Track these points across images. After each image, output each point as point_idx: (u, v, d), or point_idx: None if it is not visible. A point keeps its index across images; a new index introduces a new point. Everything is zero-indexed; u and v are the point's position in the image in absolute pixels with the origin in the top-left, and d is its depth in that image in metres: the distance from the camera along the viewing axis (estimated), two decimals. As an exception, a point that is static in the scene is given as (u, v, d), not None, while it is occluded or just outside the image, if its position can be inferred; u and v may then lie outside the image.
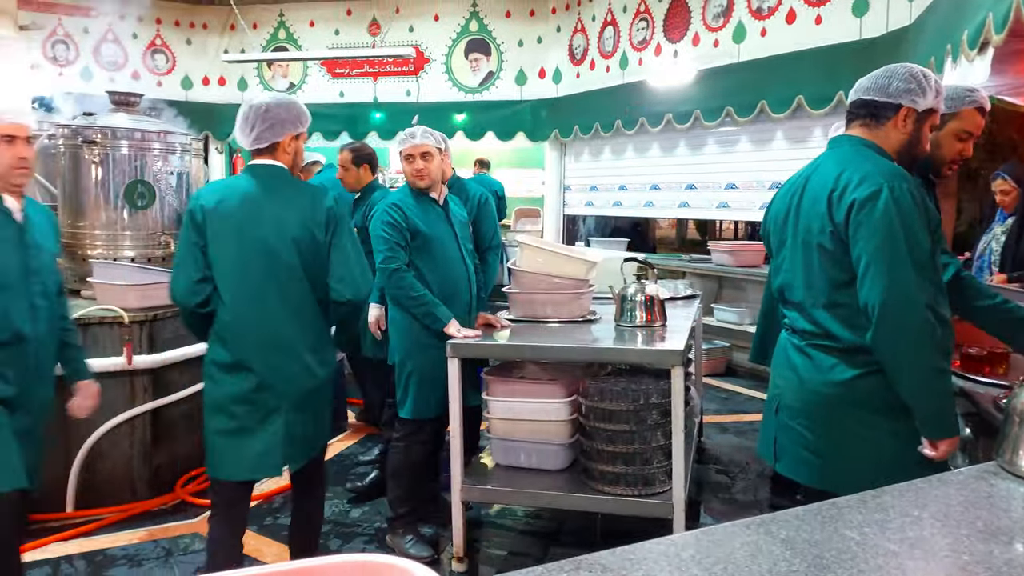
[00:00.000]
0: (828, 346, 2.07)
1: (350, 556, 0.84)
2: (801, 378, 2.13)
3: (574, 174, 8.88)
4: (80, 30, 8.69)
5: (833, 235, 2.01)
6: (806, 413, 2.13)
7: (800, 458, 2.17)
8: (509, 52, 8.79)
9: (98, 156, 4.05)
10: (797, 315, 2.17)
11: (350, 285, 2.50)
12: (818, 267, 2.07)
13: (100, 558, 3.23)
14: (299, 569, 0.83)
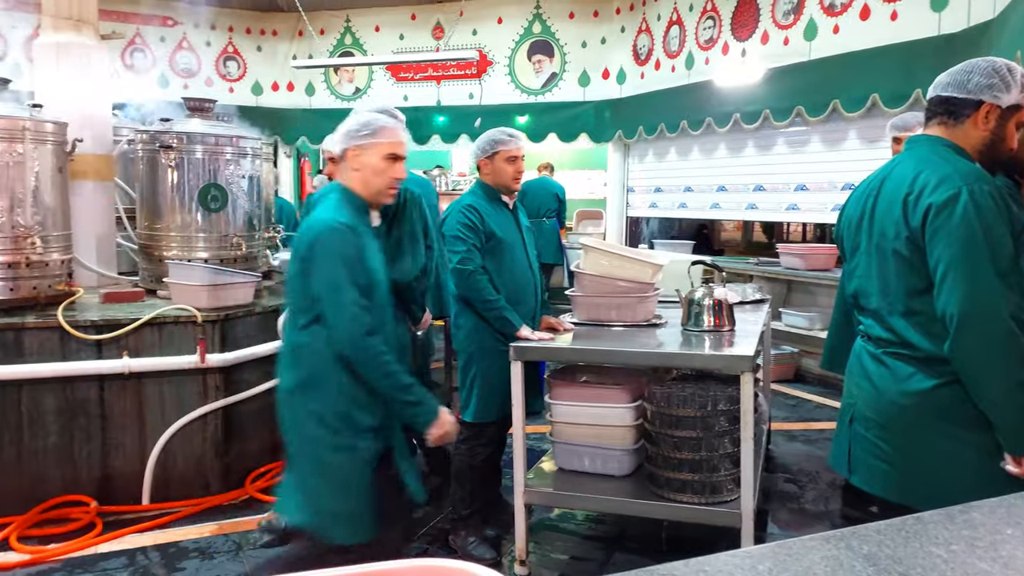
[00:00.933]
0: (906, 355, 1.99)
1: (418, 561, 0.83)
2: (877, 387, 2.05)
3: (638, 175, 8.79)
4: (157, 39, 9.00)
5: (909, 241, 1.93)
6: (882, 424, 2.05)
7: (875, 470, 2.09)
8: (572, 53, 8.75)
9: (174, 160, 4.18)
10: (873, 322, 2.09)
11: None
12: (894, 273, 1.99)
13: (173, 550, 3.33)
14: (372, 571, 0.83)
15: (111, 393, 3.65)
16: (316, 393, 2.29)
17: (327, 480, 2.30)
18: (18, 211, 3.66)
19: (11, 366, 3.46)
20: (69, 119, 4.09)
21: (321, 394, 2.29)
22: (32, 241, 3.67)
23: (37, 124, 3.76)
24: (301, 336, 2.31)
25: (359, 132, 2.36)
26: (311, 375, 2.29)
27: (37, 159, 3.72)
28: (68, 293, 3.87)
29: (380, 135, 2.36)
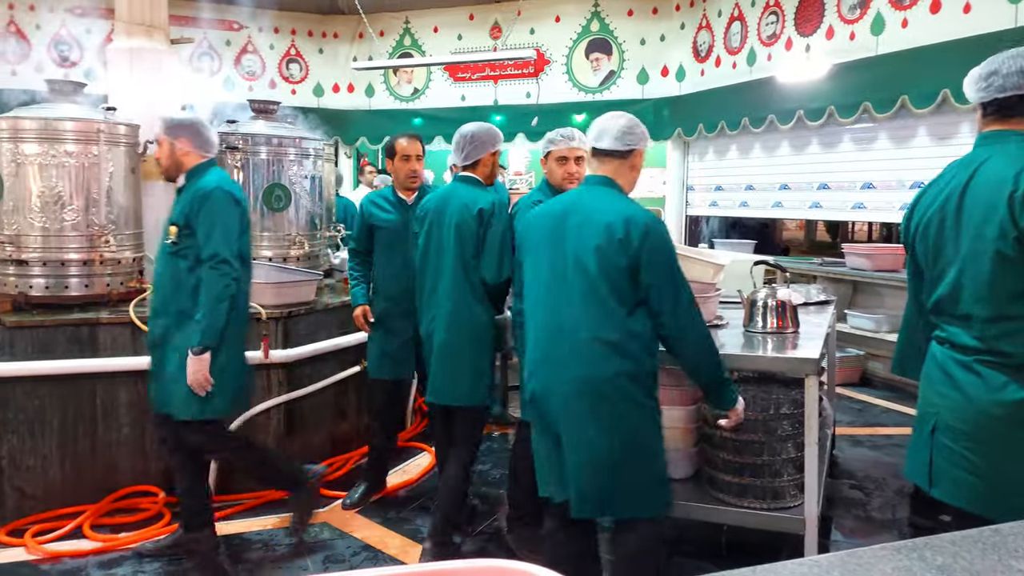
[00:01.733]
0: (999, 363, 1.90)
1: (479, 561, 0.83)
2: (967, 396, 1.97)
3: (698, 174, 8.67)
4: (223, 43, 9.24)
5: (1017, 241, 1.84)
6: (971, 434, 1.96)
7: (961, 482, 1.99)
8: (631, 51, 8.67)
9: (240, 161, 4.29)
10: (960, 329, 2.00)
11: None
12: (992, 277, 1.89)
13: (237, 541, 3.41)
14: (433, 571, 0.84)
15: (179, 387, 3.76)
16: (642, 384, 2.31)
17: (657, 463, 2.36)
18: (93, 210, 3.80)
19: (86, 360, 3.60)
20: (141, 121, 4.22)
21: (646, 385, 2.33)
22: (106, 239, 3.81)
23: (111, 127, 3.89)
24: (631, 324, 2.28)
25: (646, 136, 2.47)
26: (638, 365, 2.29)
27: (111, 160, 3.86)
28: (139, 290, 4.01)
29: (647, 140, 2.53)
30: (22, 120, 3.74)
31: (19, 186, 3.70)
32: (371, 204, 3.80)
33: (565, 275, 2.32)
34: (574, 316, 2.29)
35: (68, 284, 3.76)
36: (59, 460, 3.60)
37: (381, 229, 3.74)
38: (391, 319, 3.75)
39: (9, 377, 3.49)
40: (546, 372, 2.35)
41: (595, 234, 2.27)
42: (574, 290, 2.29)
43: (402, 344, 3.75)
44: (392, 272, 3.74)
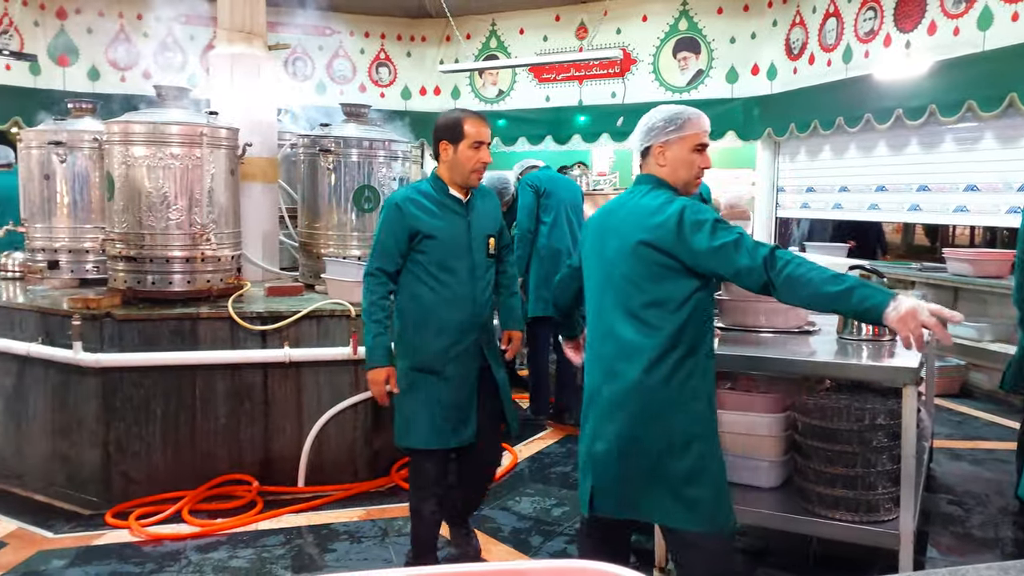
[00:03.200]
0: None
1: (565, 561, 0.84)
2: None
3: (788, 175, 8.43)
4: (316, 48, 9.53)
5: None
6: None
7: None
8: (720, 49, 8.50)
9: (332, 163, 4.41)
10: None
11: None
12: None
13: (325, 531, 3.52)
14: (516, 570, 0.84)
15: (273, 380, 3.91)
16: (695, 375, 2.21)
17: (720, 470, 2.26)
18: (195, 210, 3.98)
19: (188, 352, 3.78)
20: (240, 125, 4.41)
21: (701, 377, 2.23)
22: (207, 238, 3.98)
23: (213, 130, 4.07)
24: (678, 317, 2.17)
25: (666, 128, 2.28)
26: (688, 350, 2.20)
27: (213, 162, 4.04)
28: (237, 286, 4.18)
29: (687, 127, 2.29)
30: (132, 124, 3.96)
31: (128, 187, 3.91)
32: (411, 204, 2.86)
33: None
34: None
35: (172, 280, 3.96)
36: (161, 447, 3.79)
37: (432, 239, 2.85)
38: (450, 364, 2.91)
39: (118, 367, 3.70)
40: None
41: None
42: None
43: (468, 396, 2.94)
44: (448, 296, 2.88)
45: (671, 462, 2.16)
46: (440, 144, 2.92)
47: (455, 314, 2.89)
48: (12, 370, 3.98)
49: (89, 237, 4.50)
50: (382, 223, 2.89)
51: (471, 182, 2.93)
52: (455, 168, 2.90)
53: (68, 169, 4.51)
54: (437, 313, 2.88)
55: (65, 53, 8.60)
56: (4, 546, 3.33)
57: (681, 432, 2.17)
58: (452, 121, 2.91)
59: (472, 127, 2.88)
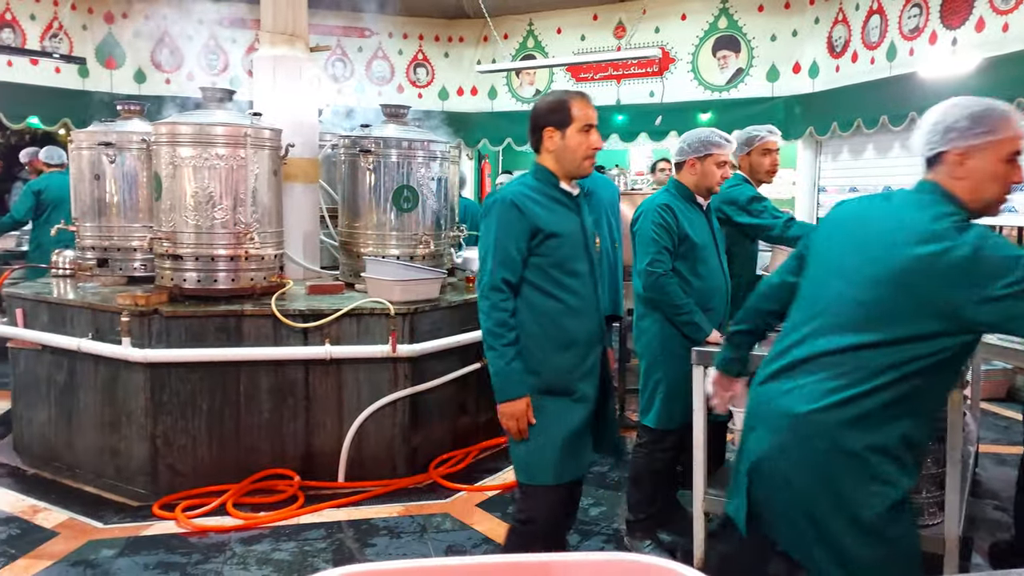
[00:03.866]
0: None
1: (622, 554, 0.85)
2: None
3: (830, 174, 8.30)
4: (355, 49, 9.64)
5: None
6: None
7: None
8: (760, 47, 8.41)
9: (372, 164, 4.47)
10: None
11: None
12: None
13: (365, 526, 3.57)
14: (571, 562, 0.86)
15: (315, 377, 3.97)
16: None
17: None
18: (240, 210, 4.06)
19: (232, 348, 3.86)
20: (282, 126, 4.48)
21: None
22: (251, 237, 4.06)
23: (257, 131, 4.15)
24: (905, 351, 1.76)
25: (973, 129, 1.81)
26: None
27: (256, 163, 4.11)
28: (280, 284, 4.25)
29: (1001, 131, 1.80)
30: (179, 125, 4.05)
31: (175, 186, 4.01)
32: (529, 201, 2.48)
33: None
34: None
35: (217, 278, 4.04)
36: (206, 441, 3.88)
37: (555, 239, 2.49)
38: (579, 382, 2.54)
39: (165, 362, 3.79)
40: None
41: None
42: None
43: (591, 417, 2.59)
44: (574, 304, 2.52)
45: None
46: (545, 132, 2.50)
47: (583, 323, 2.52)
48: (64, 365, 4.11)
49: (137, 236, 4.61)
50: (496, 226, 2.44)
51: (584, 170, 2.54)
52: (564, 156, 2.50)
53: (117, 169, 4.63)
54: (562, 324, 2.49)
55: (112, 56, 8.82)
56: (56, 535, 3.43)
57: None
58: (557, 103, 2.51)
59: (580, 109, 2.49)
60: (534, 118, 2.55)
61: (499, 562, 0.81)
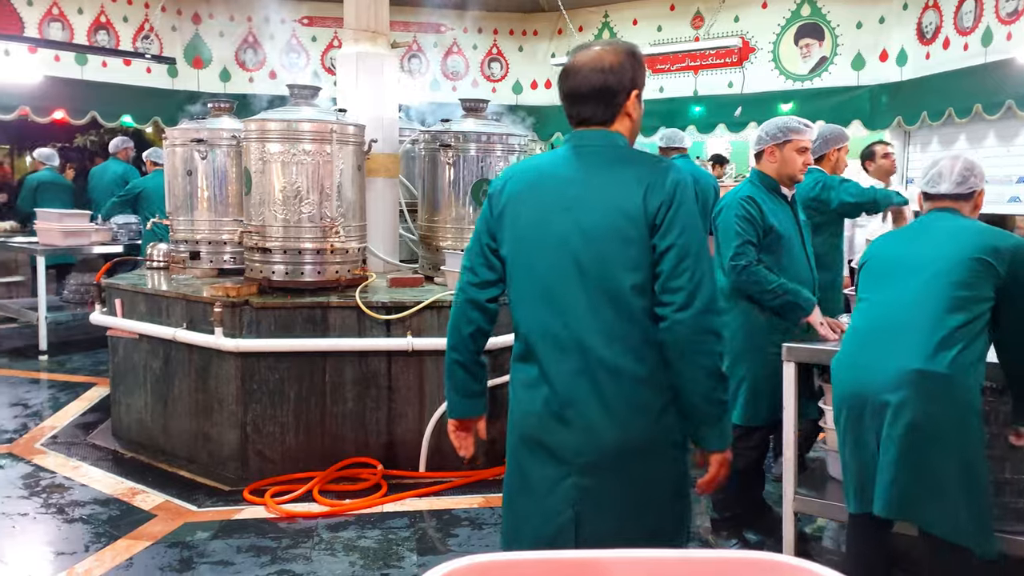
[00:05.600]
0: None
1: (756, 553, 0.83)
2: None
3: (919, 165, 7.98)
4: (431, 45, 9.74)
5: None
6: None
7: None
8: (845, 35, 8.13)
9: (451, 158, 4.51)
10: None
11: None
12: None
13: (447, 517, 3.61)
14: (705, 559, 0.85)
15: (397, 367, 4.04)
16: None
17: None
18: (326, 204, 4.15)
19: (319, 339, 3.96)
20: (365, 122, 4.56)
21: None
22: (336, 231, 4.15)
23: (341, 127, 4.23)
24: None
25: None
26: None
27: (341, 158, 4.20)
28: (363, 277, 4.33)
29: None
30: (268, 122, 4.16)
31: (264, 181, 4.12)
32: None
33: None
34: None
35: (303, 270, 4.15)
36: (294, 428, 3.99)
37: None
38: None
39: (255, 352, 3.92)
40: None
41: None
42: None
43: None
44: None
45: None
46: (632, 94, 2.34)
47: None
48: (159, 353, 4.28)
49: (227, 229, 4.77)
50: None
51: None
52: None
53: (208, 165, 4.80)
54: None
55: (199, 55, 9.14)
56: (153, 517, 3.58)
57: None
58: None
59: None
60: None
61: (630, 557, 0.81)
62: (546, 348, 1.86)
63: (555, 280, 1.84)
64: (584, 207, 1.82)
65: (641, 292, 1.78)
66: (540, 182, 1.91)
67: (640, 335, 1.79)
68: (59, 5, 8.12)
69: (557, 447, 1.86)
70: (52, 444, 4.51)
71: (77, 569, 3.09)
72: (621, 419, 1.80)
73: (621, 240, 1.78)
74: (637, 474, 1.82)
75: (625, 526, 1.82)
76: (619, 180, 1.82)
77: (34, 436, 4.63)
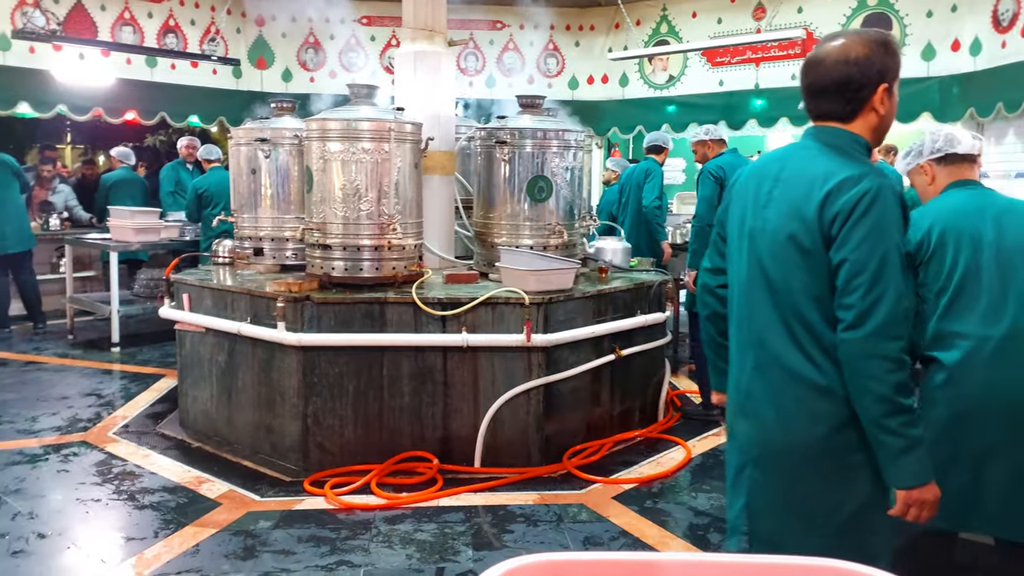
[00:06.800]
0: None
1: (816, 560, 0.82)
2: None
3: (994, 159, 7.66)
4: (487, 42, 9.77)
5: None
6: None
7: None
8: (914, 25, 7.86)
9: (507, 154, 4.52)
10: None
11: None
12: None
13: (502, 512, 3.63)
14: (764, 564, 0.84)
15: (452, 363, 4.08)
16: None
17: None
18: (384, 201, 4.21)
19: (377, 334, 4.02)
20: (422, 120, 4.61)
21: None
22: (394, 227, 4.21)
23: (399, 125, 4.28)
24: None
25: None
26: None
27: (399, 156, 4.25)
28: (419, 273, 4.38)
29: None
30: (328, 122, 4.24)
31: (325, 180, 4.20)
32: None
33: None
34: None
35: (362, 267, 4.21)
36: (352, 421, 4.06)
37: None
38: None
39: (316, 346, 4.00)
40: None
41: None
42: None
43: None
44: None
45: None
46: (880, 88, 1.79)
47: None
48: (225, 346, 4.41)
49: (289, 226, 4.87)
50: (889, 222, 1.70)
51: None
52: (883, 125, 1.86)
53: (271, 164, 4.92)
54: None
55: (262, 56, 9.36)
56: (218, 506, 3.70)
57: None
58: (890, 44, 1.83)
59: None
60: (860, 71, 1.77)
61: (685, 560, 0.80)
62: (737, 339, 1.93)
63: (746, 276, 1.88)
64: (773, 206, 1.80)
65: (819, 301, 1.73)
66: (752, 177, 1.91)
67: (819, 343, 1.74)
68: (130, 9, 8.41)
69: (739, 436, 1.93)
70: (124, 433, 4.70)
71: (146, 554, 3.22)
72: (792, 422, 1.78)
73: (796, 247, 1.74)
74: (804, 481, 1.78)
75: (791, 530, 1.82)
76: (807, 179, 1.75)
77: (107, 425, 4.83)
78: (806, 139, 1.86)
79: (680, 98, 9.21)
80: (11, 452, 4.34)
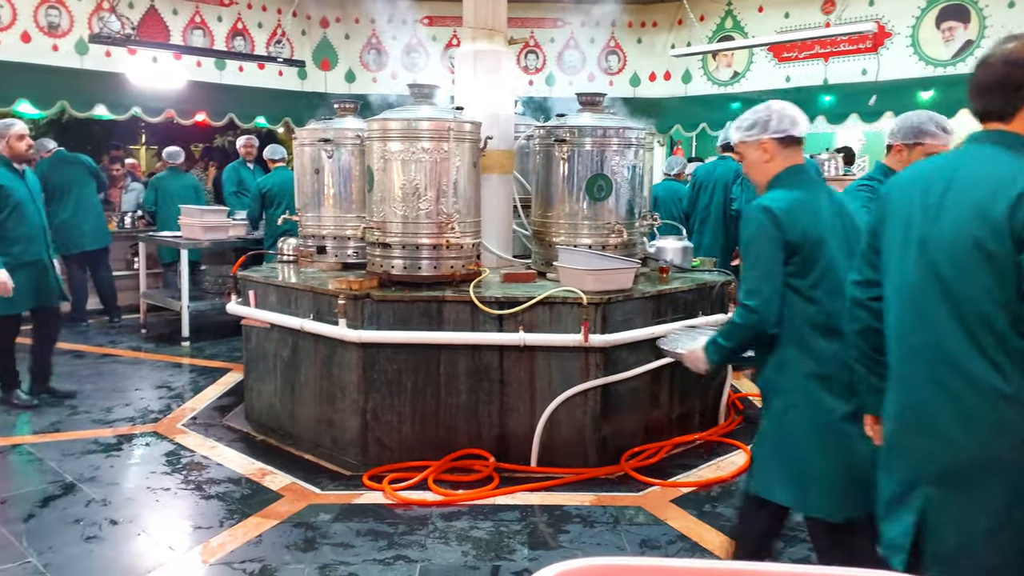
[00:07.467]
0: None
1: (874, 572, 0.79)
2: None
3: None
4: (547, 40, 9.76)
5: None
6: None
7: None
8: (994, 16, 7.53)
9: (566, 153, 4.50)
10: None
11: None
12: None
13: (558, 513, 3.62)
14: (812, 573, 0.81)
15: (509, 362, 4.08)
16: None
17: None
18: (442, 200, 4.24)
19: (436, 332, 4.06)
20: (481, 119, 4.62)
21: None
22: (452, 226, 4.23)
23: (458, 125, 4.31)
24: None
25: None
26: None
27: (458, 155, 4.27)
28: (476, 272, 4.40)
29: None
30: (389, 122, 4.29)
31: (386, 179, 4.26)
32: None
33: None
34: None
35: (420, 265, 4.25)
36: (411, 418, 4.11)
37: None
38: None
39: (376, 343, 4.06)
40: None
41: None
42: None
43: None
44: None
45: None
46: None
47: None
48: (288, 342, 4.51)
49: (351, 225, 4.96)
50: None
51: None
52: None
53: (334, 163, 5.00)
54: None
55: (326, 58, 9.54)
56: (280, 498, 3.79)
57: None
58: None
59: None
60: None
61: (743, 570, 0.78)
62: (902, 351, 1.85)
63: (914, 285, 1.81)
64: (949, 211, 1.75)
65: (1006, 307, 1.67)
66: (911, 185, 1.87)
67: (1006, 350, 1.67)
68: (201, 13, 8.68)
69: (910, 451, 1.84)
70: (192, 425, 4.85)
71: (212, 543, 3.31)
72: (978, 435, 1.71)
73: (981, 252, 1.68)
74: (990, 496, 1.71)
75: (973, 548, 1.74)
76: (991, 181, 1.70)
77: (176, 417, 4.99)
78: (975, 144, 1.83)
79: (745, 94, 9.02)
80: (87, 441, 4.53)
